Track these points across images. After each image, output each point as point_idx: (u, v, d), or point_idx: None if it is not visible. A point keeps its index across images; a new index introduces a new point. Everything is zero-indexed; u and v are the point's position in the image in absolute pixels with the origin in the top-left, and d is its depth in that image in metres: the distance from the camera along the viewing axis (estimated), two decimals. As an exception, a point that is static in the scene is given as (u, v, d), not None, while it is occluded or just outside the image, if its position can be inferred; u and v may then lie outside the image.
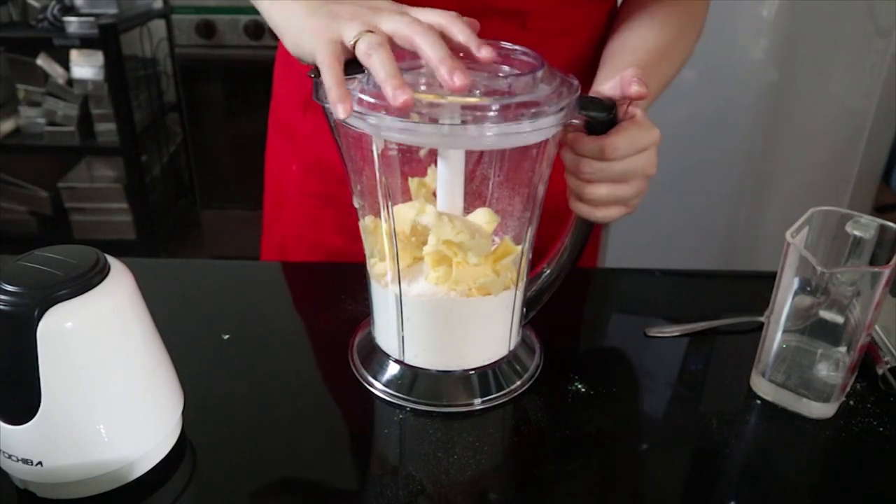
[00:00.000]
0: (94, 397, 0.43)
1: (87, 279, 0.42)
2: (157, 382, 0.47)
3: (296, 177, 0.79)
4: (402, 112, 0.43)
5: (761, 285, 0.61)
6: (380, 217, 0.51)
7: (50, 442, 0.42)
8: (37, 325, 0.40)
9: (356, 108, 0.44)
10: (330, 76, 0.45)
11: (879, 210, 1.86)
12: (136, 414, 0.45)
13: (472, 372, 0.54)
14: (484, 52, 0.45)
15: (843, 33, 1.39)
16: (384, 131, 0.45)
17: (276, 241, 0.84)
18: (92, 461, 0.43)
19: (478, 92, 0.45)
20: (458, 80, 0.42)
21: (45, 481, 0.44)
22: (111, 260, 0.46)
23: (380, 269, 0.53)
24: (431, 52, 0.44)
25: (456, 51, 0.51)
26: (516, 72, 0.48)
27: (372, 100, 0.44)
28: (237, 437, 0.51)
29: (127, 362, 0.45)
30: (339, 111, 0.44)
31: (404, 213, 0.51)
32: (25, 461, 0.42)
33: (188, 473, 0.48)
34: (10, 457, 0.43)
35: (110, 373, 0.43)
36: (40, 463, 0.42)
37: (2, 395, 0.42)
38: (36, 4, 2.05)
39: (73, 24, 1.95)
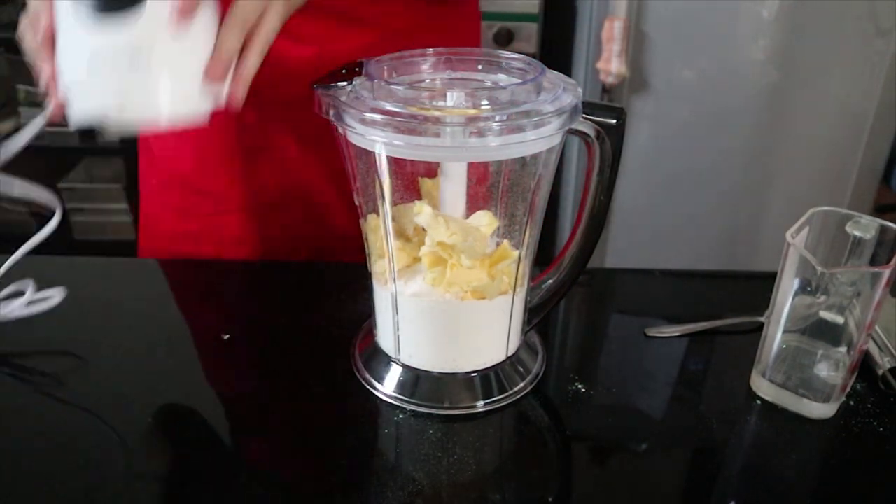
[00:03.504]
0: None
1: None
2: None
3: (154, 190, 0.80)
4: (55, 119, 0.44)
5: (761, 285, 0.61)
6: (380, 216, 0.51)
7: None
8: None
9: (355, 125, 0.44)
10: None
11: (879, 210, 1.86)
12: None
13: (475, 374, 0.54)
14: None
15: (843, 34, 1.39)
16: (386, 147, 0.45)
17: (149, 254, 0.84)
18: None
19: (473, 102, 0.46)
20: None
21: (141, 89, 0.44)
22: None
23: (380, 268, 0.53)
24: None
25: (454, 63, 0.51)
26: (517, 80, 0.48)
27: (375, 116, 0.44)
28: (237, 436, 0.51)
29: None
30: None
31: (407, 213, 0.51)
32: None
33: (187, 472, 0.48)
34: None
35: None
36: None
37: None
38: (36, 5, 2.05)
39: (73, 24, 1.95)
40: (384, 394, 0.54)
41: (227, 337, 0.61)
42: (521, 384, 0.55)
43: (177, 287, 0.70)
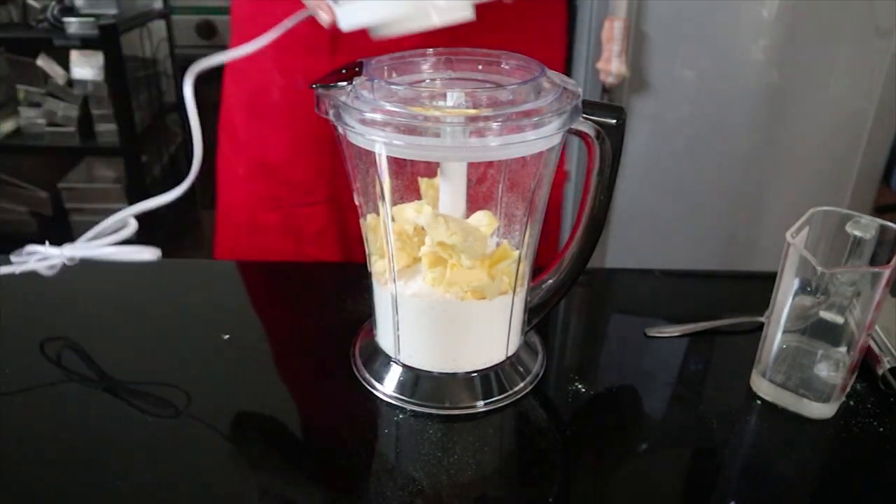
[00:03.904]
0: None
1: None
2: None
3: (240, 179, 0.81)
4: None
5: (761, 285, 0.61)
6: (380, 215, 0.51)
7: None
8: None
9: (355, 125, 0.44)
10: None
11: (879, 210, 1.86)
12: None
13: (475, 374, 0.54)
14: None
15: (843, 34, 1.39)
16: (386, 147, 0.45)
17: (227, 245, 0.85)
18: None
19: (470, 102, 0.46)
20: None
21: None
22: None
23: (380, 268, 0.53)
24: None
25: (454, 63, 0.51)
26: (517, 80, 0.48)
27: (375, 116, 0.44)
28: (237, 436, 0.51)
29: None
30: (323, 18, 0.46)
31: (407, 213, 0.51)
32: None
33: (186, 471, 0.48)
34: None
35: None
36: None
37: None
38: (36, 5, 2.05)
39: (73, 24, 1.95)
40: (384, 394, 0.54)
41: (227, 337, 0.61)
42: (521, 384, 0.55)
43: (177, 287, 0.70)
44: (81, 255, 0.59)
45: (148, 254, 0.58)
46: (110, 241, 0.59)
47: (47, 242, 0.61)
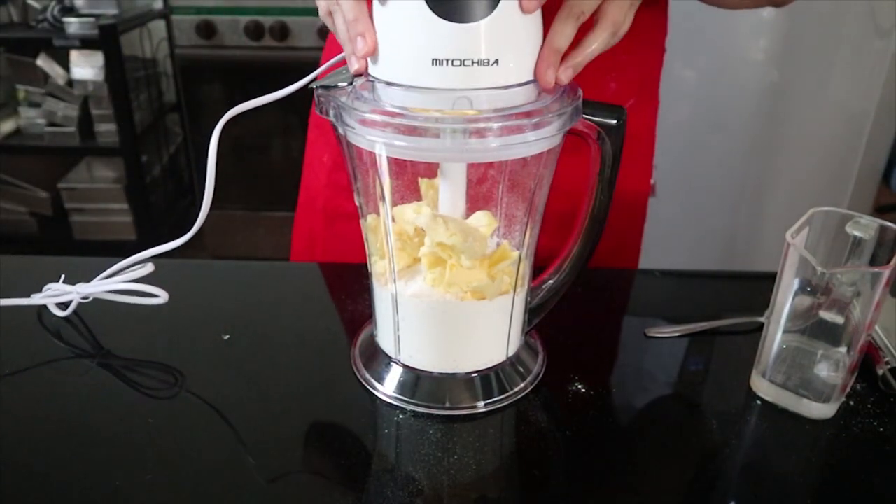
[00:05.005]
0: None
1: None
2: None
3: (325, 167, 0.82)
4: (357, 73, 0.45)
5: (761, 285, 0.61)
6: (380, 216, 0.51)
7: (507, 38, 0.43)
8: None
9: (355, 125, 0.44)
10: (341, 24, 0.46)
11: (879, 210, 1.86)
12: None
13: (475, 374, 0.54)
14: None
15: (843, 33, 1.39)
16: (386, 148, 0.45)
17: (305, 233, 0.87)
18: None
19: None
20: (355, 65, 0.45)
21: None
22: None
23: (380, 268, 0.53)
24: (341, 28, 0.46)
25: None
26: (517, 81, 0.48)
27: (375, 117, 0.43)
28: (237, 437, 0.51)
29: None
30: (353, 63, 0.45)
31: (407, 214, 0.51)
32: (481, 62, 0.43)
33: (187, 473, 0.48)
34: (461, 63, 0.43)
35: None
36: (496, 62, 0.43)
37: None
38: (36, 5, 2.05)
39: (73, 24, 1.94)
40: (384, 394, 0.54)
41: (227, 337, 0.61)
42: (522, 384, 0.55)
43: (177, 287, 0.70)
44: (94, 293, 0.62)
45: (157, 297, 0.60)
46: (124, 279, 0.62)
47: (62, 278, 0.63)
